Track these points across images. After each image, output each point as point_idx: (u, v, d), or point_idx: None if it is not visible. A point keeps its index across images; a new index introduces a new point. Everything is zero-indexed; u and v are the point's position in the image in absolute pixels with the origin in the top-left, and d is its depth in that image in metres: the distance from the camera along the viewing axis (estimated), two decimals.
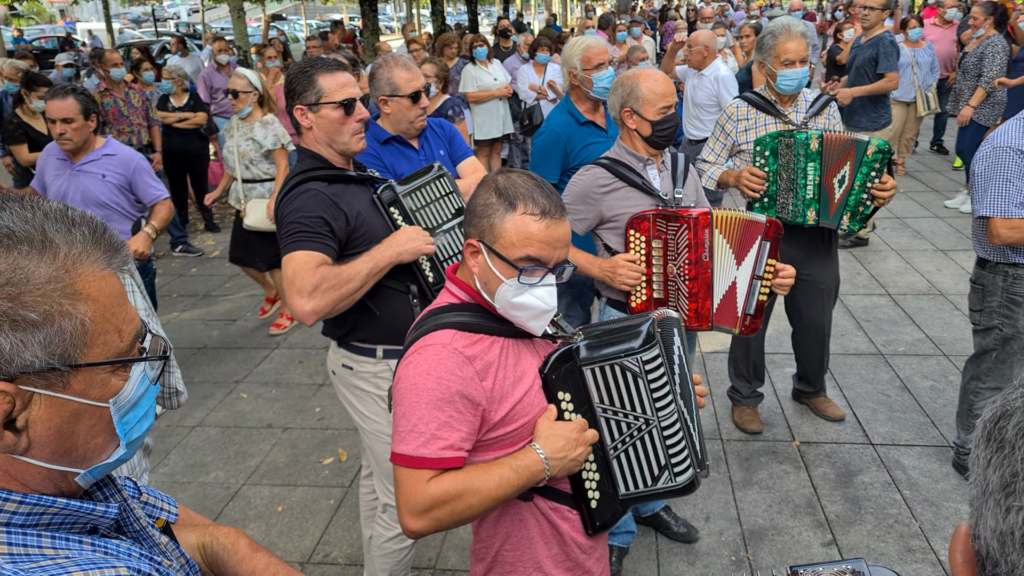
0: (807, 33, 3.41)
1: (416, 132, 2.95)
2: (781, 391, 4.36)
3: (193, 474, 3.89)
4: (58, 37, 28.41)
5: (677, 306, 2.74)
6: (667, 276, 2.72)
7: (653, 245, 2.70)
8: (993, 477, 0.62)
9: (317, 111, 2.32)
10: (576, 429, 1.59)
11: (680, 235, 2.66)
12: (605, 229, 2.81)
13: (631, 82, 2.74)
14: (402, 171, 2.93)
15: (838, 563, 1.12)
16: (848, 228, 3.36)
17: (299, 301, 2.16)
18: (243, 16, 12.14)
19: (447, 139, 3.09)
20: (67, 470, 0.89)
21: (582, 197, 2.76)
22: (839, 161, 3.26)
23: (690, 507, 3.40)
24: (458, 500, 1.49)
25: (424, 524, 1.50)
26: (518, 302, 1.57)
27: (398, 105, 2.85)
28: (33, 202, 0.86)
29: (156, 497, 1.20)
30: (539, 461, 1.55)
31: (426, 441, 1.48)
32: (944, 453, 3.69)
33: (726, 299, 2.76)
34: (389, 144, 2.94)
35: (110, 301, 0.88)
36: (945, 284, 5.79)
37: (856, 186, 3.27)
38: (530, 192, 1.56)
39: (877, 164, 3.22)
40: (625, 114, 2.75)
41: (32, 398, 0.84)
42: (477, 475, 1.51)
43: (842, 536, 3.19)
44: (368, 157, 2.93)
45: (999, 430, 0.63)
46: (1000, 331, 3.21)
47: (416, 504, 1.48)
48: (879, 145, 3.20)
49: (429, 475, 1.49)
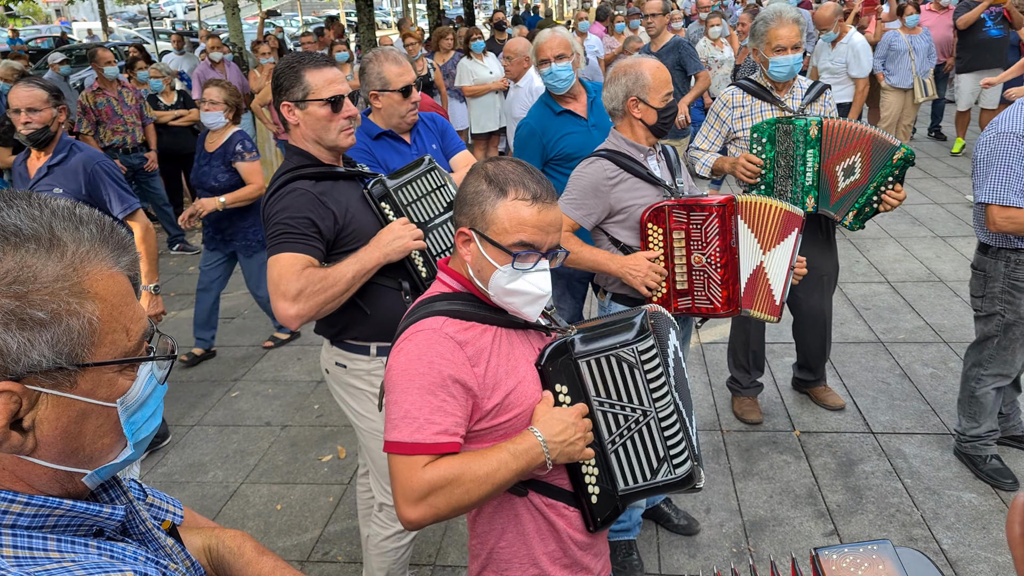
0: (800, 19, 3.38)
1: (408, 126, 2.92)
2: (781, 381, 4.34)
3: (192, 473, 3.88)
4: (54, 37, 28.35)
5: (707, 295, 2.71)
6: (691, 266, 2.69)
7: (674, 237, 2.67)
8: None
9: (304, 108, 2.29)
10: (575, 414, 1.57)
11: (709, 223, 2.63)
12: (613, 223, 2.76)
13: (635, 70, 2.70)
14: (394, 166, 2.89)
15: (864, 544, 1.08)
16: (850, 224, 3.33)
17: (283, 305, 2.14)
18: (238, 13, 12.09)
19: (439, 133, 3.06)
20: (74, 471, 0.88)
21: (591, 190, 2.70)
22: (844, 150, 3.23)
23: (691, 499, 3.38)
24: (455, 485, 1.46)
25: (422, 512, 1.46)
26: (512, 288, 1.55)
27: (389, 100, 2.82)
28: (41, 199, 0.85)
29: (161, 499, 1.19)
30: (537, 444, 1.52)
31: (420, 426, 1.46)
32: (945, 441, 3.67)
33: (751, 284, 2.75)
34: (381, 139, 2.91)
35: (118, 300, 0.87)
36: (944, 271, 5.76)
37: (872, 186, 3.24)
38: (520, 178, 1.55)
39: (898, 171, 3.20)
40: (631, 103, 2.70)
41: (39, 398, 0.83)
42: (474, 460, 1.48)
43: (843, 526, 3.18)
44: (360, 152, 2.91)
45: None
46: (1002, 317, 3.18)
47: (413, 491, 1.45)
48: (906, 153, 3.17)
49: (425, 461, 1.46)
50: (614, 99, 2.74)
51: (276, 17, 30.18)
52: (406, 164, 2.50)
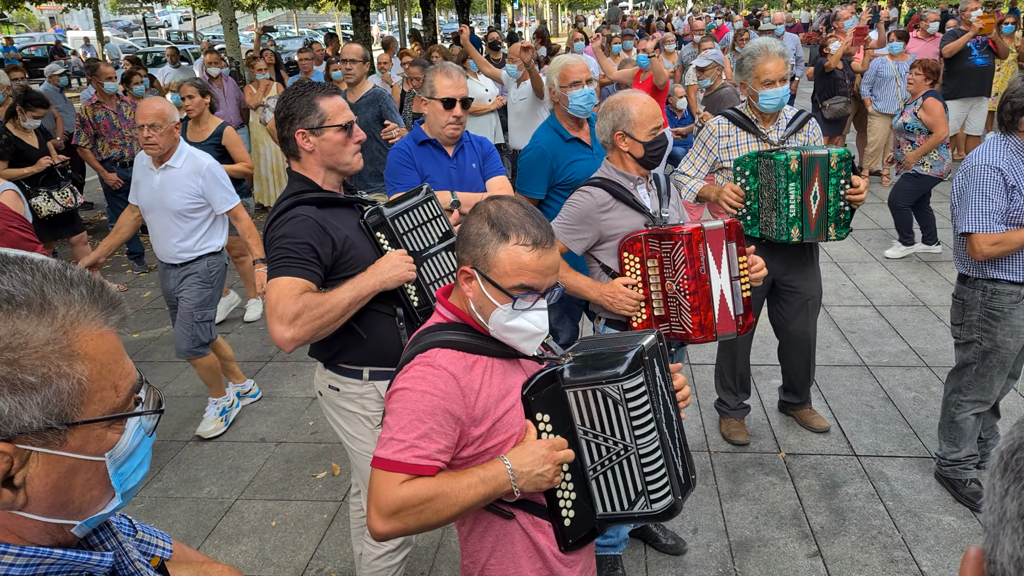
0: (785, 52, 3.51)
1: (449, 139, 3.18)
2: (767, 402, 4.42)
3: (187, 489, 3.92)
4: (48, 45, 28.37)
5: (680, 321, 2.78)
6: (666, 294, 2.78)
7: (648, 265, 2.76)
8: (1011, 505, 0.65)
9: (320, 134, 2.37)
10: (547, 447, 1.64)
11: (676, 252, 2.70)
12: (602, 250, 2.86)
13: (621, 106, 2.80)
14: (430, 173, 3.16)
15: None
16: (836, 237, 3.45)
17: (279, 328, 2.20)
18: (235, 27, 12.19)
19: (483, 155, 3.32)
20: (64, 522, 0.91)
21: (583, 218, 2.81)
22: (812, 178, 3.36)
23: (678, 519, 3.45)
24: (427, 504, 1.55)
25: (392, 526, 1.55)
26: (512, 325, 1.63)
27: (432, 108, 3.13)
28: (33, 264, 0.88)
29: (151, 534, 1.22)
30: (505, 472, 1.60)
31: (404, 448, 1.55)
32: (926, 464, 3.76)
33: (722, 307, 2.84)
34: (425, 146, 3.19)
35: (107, 358, 0.90)
36: (928, 295, 5.88)
37: (831, 197, 3.36)
38: (522, 222, 1.62)
39: (843, 172, 3.34)
40: (618, 137, 2.80)
41: (30, 456, 0.85)
42: (446, 481, 1.57)
43: (827, 547, 3.25)
44: (400, 153, 3.21)
45: (1016, 461, 0.66)
46: (979, 344, 3.28)
47: (387, 506, 1.54)
48: (840, 154, 3.33)
49: (402, 479, 1.55)
50: (603, 132, 2.85)
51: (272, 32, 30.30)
52: (405, 192, 2.58)
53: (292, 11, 37.62)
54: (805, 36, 14.71)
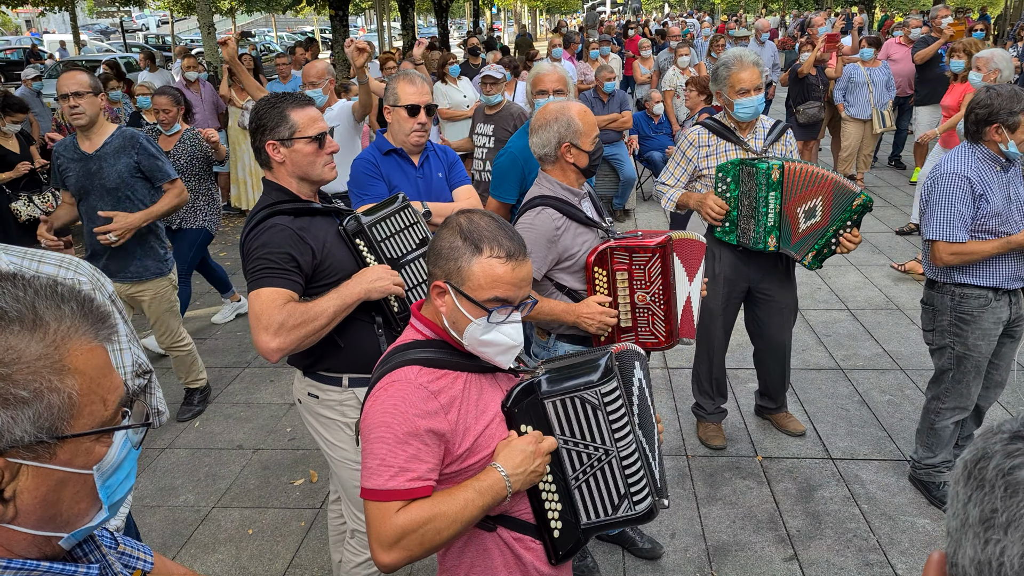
0: (759, 62, 3.55)
1: (414, 148, 3.12)
2: (744, 407, 4.46)
3: (163, 497, 3.88)
4: (24, 49, 28.01)
5: (651, 330, 2.79)
6: (635, 304, 2.77)
7: (618, 278, 2.73)
8: (973, 512, 0.68)
9: (290, 146, 2.36)
10: (532, 441, 1.64)
11: (651, 264, 2.69)
12: (559, 270, 2.77)
13: (565, 116, 2.69)
14: (397, 183, 3.11)
15: None
16: (809, 264, 3.48)
17: (264, 338, 2.19)
18: (213, 32, 12.12)
19: (448, 164, 3.28)
20: (51, 535, 0.92)
21: (544, 241, 2.68)
22: (805, 193, 3.37)
23: (656, 523, 3.47)
24: (426, 526, 1.53)
25: (396, 556, 1.52)
26: (487, 339, 1.62)
27: (396, 115, 3.06)
28: (25, 280, 0.90)
29: (132, 547, 1.23)
30: (500, 479, 1.60)
31: (394, 475, 1.53)
32: (901, 467, 3.81)
33: (686, 314, 2.87)
34: (390, 156, 3.13)
35: (96, 373, 0.92)
36: (902, 299, 5.96)
37: (832, 229, 3.38)
38: (494, 235, 1.61)
39: (856, 216, 3.35)
40: (564, 149, 2.70)
41: (20, 469, 0.87)
42: (442, 500, 1.55)
43: (803, 551, 3.29)
44: (366, 163, 3.12)
45: (979, 470, 0.69)
46: (952, 350, 3.33)
47: (386, 536, 1.52)
48: (865, 199, 3.33)
49: (398, 506, 1.53)
50: (546, 145, 2.71)
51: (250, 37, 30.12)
52: (381, 200, 2.58)
53: (271, 15, 37.44)
54: (780, 41, 14.86)
